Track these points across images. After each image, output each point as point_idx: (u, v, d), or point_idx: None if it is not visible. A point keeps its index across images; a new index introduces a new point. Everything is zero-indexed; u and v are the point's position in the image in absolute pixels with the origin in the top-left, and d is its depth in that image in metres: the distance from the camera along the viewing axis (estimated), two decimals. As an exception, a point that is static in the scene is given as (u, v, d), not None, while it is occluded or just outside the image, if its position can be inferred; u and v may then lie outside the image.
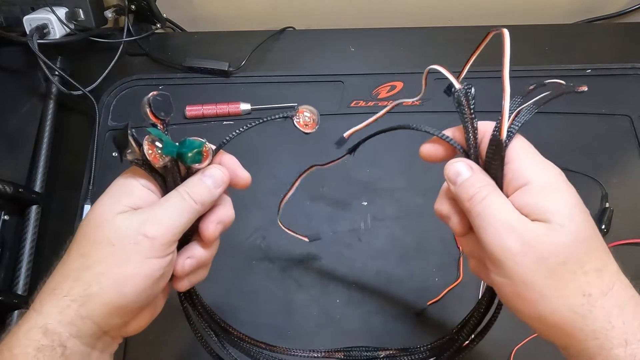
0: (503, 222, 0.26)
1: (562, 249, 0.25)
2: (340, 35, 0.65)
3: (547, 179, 0.28)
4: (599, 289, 0.26)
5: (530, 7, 0.71)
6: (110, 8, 0.63)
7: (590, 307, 0.25)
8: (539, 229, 0.26)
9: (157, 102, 0.32)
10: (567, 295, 0.25)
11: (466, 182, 0.29)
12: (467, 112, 0.30)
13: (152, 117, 0.32)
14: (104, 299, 0.28)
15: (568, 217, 0.26)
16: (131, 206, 0.29)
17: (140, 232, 0.28)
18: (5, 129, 0.59)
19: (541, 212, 0.26)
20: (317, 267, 0.52)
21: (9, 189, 0.51)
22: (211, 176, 0.32)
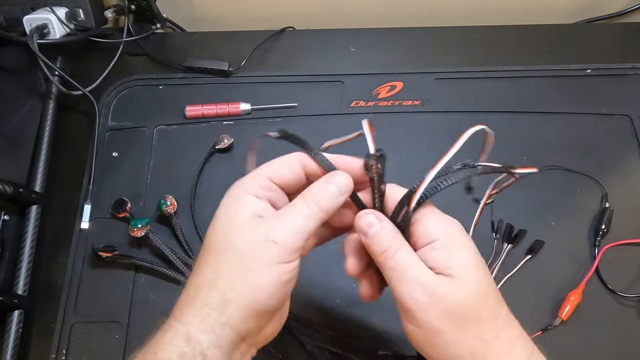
0: (413, 276, 0.30)
1: (464, 300, 0.29)
2: (340, 35, 0.65)
3: (450, 236, 0.31)
4: (494, 333, 0.30)
5: (530, 7, 0.71)
6: (110, 8, 0.63)
7: (486, 349, 0.29)
8: (444, 283, 0.29)
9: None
10: (468, 340, 0.29)
11: (378, 234, 0.31)
12: (376, 179, 0.33)
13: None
14: (240, 303, 0.29)
15: (468, 272, 0.30)
16: (253, 216, 0.30)
17: (269, 239, 0.29)
18: (5, 129, 0.59)
19: (446, 267, 0.30)
20: (316, 267, 0.51)
21: (9, 189, 0.51)
22: (336, 183, 0.32)
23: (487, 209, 0.53)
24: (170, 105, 0.60)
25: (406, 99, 0.60)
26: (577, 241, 0.52)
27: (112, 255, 0.51)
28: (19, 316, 0.49)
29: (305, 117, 0.59)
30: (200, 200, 0.55)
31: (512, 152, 0.56)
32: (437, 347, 0.30)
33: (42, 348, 0.49)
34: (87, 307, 0.50)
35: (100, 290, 0.51)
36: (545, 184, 0.54)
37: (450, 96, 0.60)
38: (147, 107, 0.61)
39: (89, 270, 0.52)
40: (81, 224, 0.53)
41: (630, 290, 0.49)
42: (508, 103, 0.59)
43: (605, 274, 0.50)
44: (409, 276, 0.30)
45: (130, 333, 0.49)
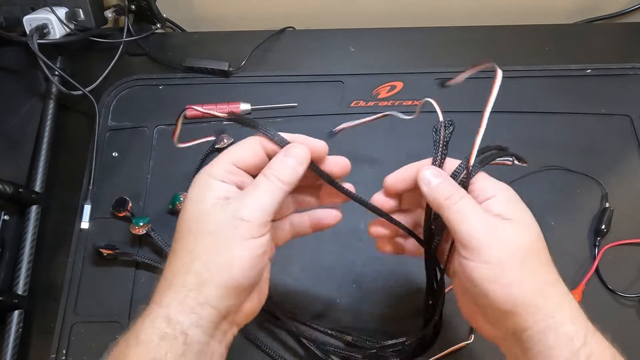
0: (483, 216, 0.32)
1: (528, 242, 0.32)
2: (340, 35, 0.65)
3: (508, 193, 0.34)
4: (554, 277, 0.32)
5: (530, 7, 0.71)
6: (110, 8, 0.63)
7: (549, 290, 0.31)
8: (508, 225, 0.32)
9: None
10: (533, 279, 0.31)
11: (443, 183, 0.34)
12: (441, 144, 0.38)
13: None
14: (217, 282, 0.30)
15: (529, 220, 0.33)
16: (220, 198, 0.32)
17: (236, 217, 0.31)
18: (5, 129, 0.59)
19: (507, 215, 0.32)
20: (317, 267, 0.52)
21: (9, 189, 0.51)
22: (293, 155, 0.34)
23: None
24: (170, 105, 0.60)
25: (406, 99, 0.60)
26: (577, 241, 0.52)
27: (114, 253, 0.51)
28: (19, 316, 0.49)
29: (305, 117, 0.59)
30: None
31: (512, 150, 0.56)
32: (499, 283, 0.31)
33: (42, 348, 0.49)
34: (87, 307, 0.50)
35: (100, 290, 0.51)
36: (545, 184, 0.54)
37: (450, 96, 0.60)
38: (147, 107, 0.61)
39: (89, 270, 0.52)
40: (81, 224, 0.54)
41: (630, 290, 0.49)
42: (508, 103, 0.59)
43: (605, 274, 0.50)
44: (479, 216, 0.32)
45: (130, 333, 0.49)
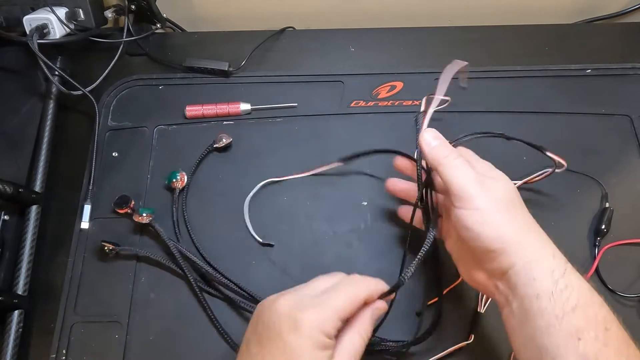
0: (473, 172, 0.39)
1: (510, 194, 0.39)
2: (340, 35, 0.65)
3: (488, 163, 0.43)
4: (533, 221, 0.39)
5: (530, 7, 0.71)
6: (110, 8, 0.63)
7: (531, 230, 0.38)
8: (494, 182, 0.40)
9: None
10: (517, 221, 0.38)
11: (441, 145, 0.41)
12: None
13: None
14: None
15: (507, 180, 0.41)
16: (330, 357, 0.35)
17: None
18: (5, 129, 0.59)
19: (490, 176, 0.40)
20: (317, 267, 0.51)
21: (9, 189, 0.51)
22: (380, 316, 0.39)
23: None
24: (170, 105, 0.60)
25: (406, 99, 0.60)
26: (577, 241, 0.52)
27: (115, 248, 0.51)
28: (19, 316, 0.49)
29: (305, 117, 0.59)
30: (194, 198, 0.55)
31: (513, 152, 0.56)
32: (489, 224, 0.37)
33: (42, 348, 0.49)
34: (87, 307, 0.50)
35: (100, 290, 0.51)
36: (545, 184, 0.54)
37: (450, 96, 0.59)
38: (147, 107, 0.61)
39: (89, 270, 0.52)
40: (81, 224, 0.54)
41: (630, 290, 0.49)
42: (508, 103, 0.59)
43: (605, 274, 0.50)
44: (467, 173, 0.39)
45: (130, 333, 0.49)
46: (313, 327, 0.33)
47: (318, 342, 0.33)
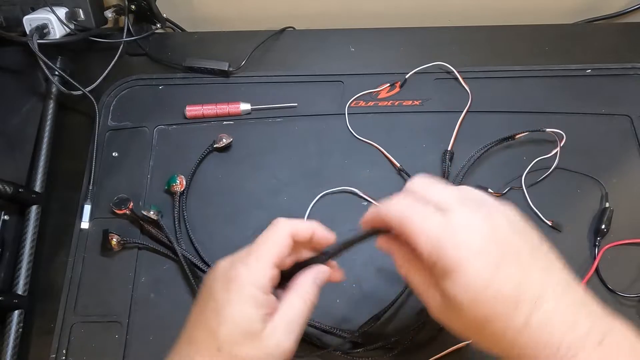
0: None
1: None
2: (340, 35, 0.65)
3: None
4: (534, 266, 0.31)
5: (530, 7, 0.71)
6: (110, 8, 0.63)
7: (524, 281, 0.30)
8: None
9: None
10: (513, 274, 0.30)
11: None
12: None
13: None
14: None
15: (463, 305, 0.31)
16: (266, 316, 0.33)
17: (290, 349, 0.33)
18: (5, 129, 0.59)
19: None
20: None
21: (9, 189, 0.51)
22: (323, 280, 0.36)
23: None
24: (170, 105, 0.60)
25: (406, 99, 0.60)
26: (577, 241, 0.52)
27: (121, 240, 0.52)
28: (19, 316, 0.49)
29: (305, 117, 0.59)
30: (194, 198, 0.55)
31: (513, 153, 0.56)
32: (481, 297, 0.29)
33: (42, 348, 0.49)
34: (87, 307, 0.50)
35: (100, 290, 0.51)
36: (546, 184, 0.54)
37: (450, 96, 0.60)
38: (147, 107, 0.61)
39: (89, 270, 0.52)
40: (81, 224, 0.54)
41: (630, 290, 0.49)
42: (508, 103, 0.59)
43: (605, 274, 0.50)
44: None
45: (130, 333, 0.49)
46: (242, 281, 0.32)
47: (249, 297, 0.32)
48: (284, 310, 0.33)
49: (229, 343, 0.31)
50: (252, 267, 0.33)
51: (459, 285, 0.29)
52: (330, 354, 0.47)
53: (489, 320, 0.29)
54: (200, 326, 0.33)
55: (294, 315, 0.33)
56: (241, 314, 0.32)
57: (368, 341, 0.47)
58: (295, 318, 0.33)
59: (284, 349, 0.32)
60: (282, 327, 0.33)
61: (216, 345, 0.32)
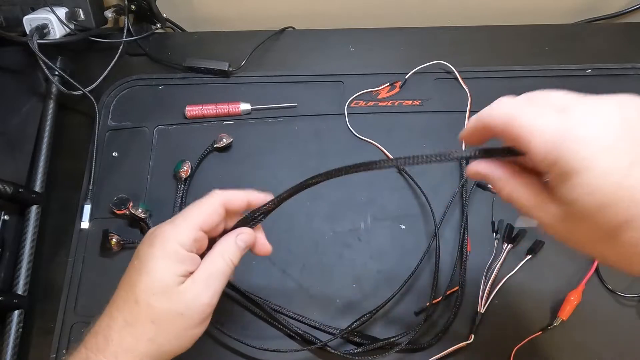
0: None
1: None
2: (340, 35, 0.65)
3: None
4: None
5: (530, 7, 0.71)
6: (110, 8, 0.63)
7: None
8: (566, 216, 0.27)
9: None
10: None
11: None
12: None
13: None
14: (171, 354, 0.34)
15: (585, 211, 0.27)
16: (186, 273, 0.34)
17: (207, 303, 0.34)
18: (5, 129, 0.59)
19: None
20: (317, 267, 0.52)
21: (9, 189, 0.51)
22: (244, 241, 0.37)
23: (487, 209, 0.53)
24: (170, 105, 0.60)
25: (406, 99, 0.60)
26: (577, 241, 0.52)
27: (121, 240, 0.52)
28: (19, 316, 0.49)
29: (305, 117, 0.59)
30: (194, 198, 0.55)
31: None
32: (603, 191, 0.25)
33: (42, 348, 0.49)
34: (87, 307, 0.50)
35: (100, 290, 0.51)
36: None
37: (450, 96, 0.60)
38: (147, 107, 0.61)
39: (89, 270, 0.52)
40: (81, 224, 0.54)
41: (630, 290, 0.49)
42: (508, 103, 0.59)
43: (605, 274, 0.50)
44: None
45: (130, 333, 0.49)
46: (165, 237, 0.34)
47: (170, 252, 0.34)
48: (204, 265, 0.35)
49: (147, 294, 0.33)
50: (177, 225, 0.35)
51: (585, 187, 0.25)
52: (330, 354, 0.47)
53: (621, 227, 0.25)
54: (123, 284, 0.35)
55: (213, 271, 0.35)
56: (161, 267, 0.33)
57: (367, 341, 0.47)
58: (214, 273, 0.35)
59: (201, 302, 0.34)
60: (201, 282, 0.34)
61: (134, 298, 0.33)
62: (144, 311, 0.33)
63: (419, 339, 0.48)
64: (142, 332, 0.33)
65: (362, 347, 0.47)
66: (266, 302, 0.49)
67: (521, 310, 0.49)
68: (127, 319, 0.33)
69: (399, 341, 0.47)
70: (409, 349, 0.47)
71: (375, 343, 0.47)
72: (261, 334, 0.49)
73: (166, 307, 0.33)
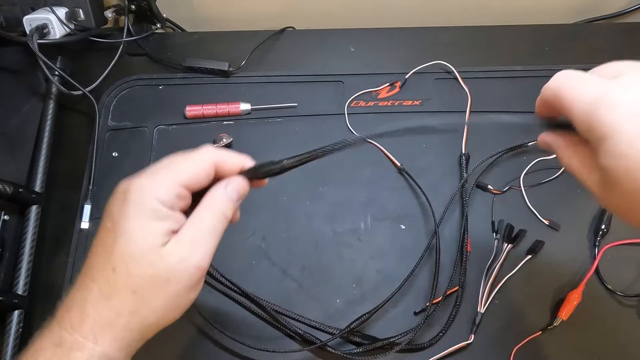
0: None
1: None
2: (340, 35, 0.65)
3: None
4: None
5: (530, 7, 0.71)
6: (110, 8, 0.63)
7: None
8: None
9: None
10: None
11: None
12: None
13: None
14: (158, 326, 0.30)
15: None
16: (169, 232, 0.29)
17: (196, 266, 0.29)
18: (5, 129, 0.59)
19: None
20: (317, 267, 0.52)
21: (9, 189, 0.51)
22: (237, 190, 0.32)
23: (488, 208, 0.53)
24: (170, 105, 0.60)
25: (406, 99, 0.60)
26: (577, 241, 0.52)
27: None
28: (19, 316, 0.49)
29: (305, 117, 0.59)
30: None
31: (513, 153, 0.56)
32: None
33: (42, 348, 0.49)
34: (87, 307, 0.50)
35: (100, 290, 0.51)
36: (546, 184, 0.54)
37: (450, 96, 0.60)
38: (147, 107, 0.61)
39: (89, 270, 0.52)
40: (81, 224, 0.54)
41: (630, 290, 0.49)
42: (508, 103, 0.59)
43: (605, 274, 0.50)
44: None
45: (130, 333, 0.49)
46: (144, 192, 0.28)
47: (149, 210, 0.28)
48: (190, 222, 0.30)
49: (125, 261, 0.28)
50: (156, 179, 0.29)
51: (613, 153, 0.25)
52: (330, 354, 0.47)
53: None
54: (96, 250, 0.29)
55: (201, 228, 0.30)
56: (138, 227, 0.28)
57: (367, 341, 0.47)
58: (203, 231, 0.29)
59: (189, 265, 0.29)
60: (187, 242, 0.29)
61: (111, 266, 0.28)
62: (122, 280, 0.28)
63: (419, 339, 0.47)
64: (121, 305, 0.28)
65: (362, 347, 0.47)
66: (266, 302, 0.49)
67: (521, 310, 0.49)
68: (104, 290, 0.28)
69: (399, 341, 0.47)
70: (409, 349, 0.47)
71: (375, 343, 0.47)
72: (261, 334, 0.49)
73: (148, 274, 0.28)
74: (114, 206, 0.29)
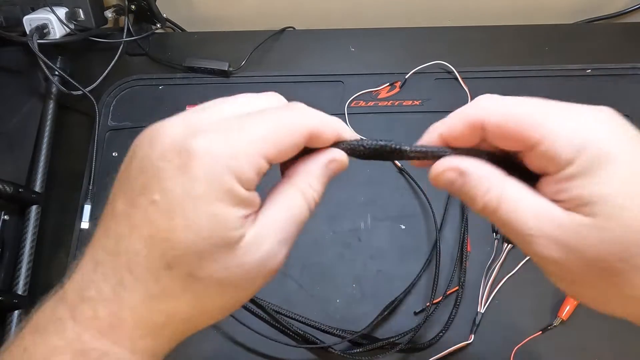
0: (530, 218, 0.22)
1: (609, 248, 0.20)
2: (340, 35, 0.65)
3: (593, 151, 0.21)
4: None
5: (530, 7, 0.71)
6: (110, 8, 0.63)
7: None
8: (580, 226, 0.20)
9: None
10: (623, 297, 0.21)
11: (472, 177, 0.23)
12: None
13: None
14: (198, 330, 0.23)
15: (619, 205, 0.20)
16: (243, 220, 0.21)
17: (276, 269, 0.22)
18: (5, 129, 0.59)
19: (581, 200, 0.20)
20: (317, 267, 0.52)
21: (9, 189, 0.51)
22: (336, 172, 0.25)
23: (487, 209, 0.53)
24: (170, 105, 0.60)
25: (406, 99, 0.60)
26: (577, 241, 0.51)
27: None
28: (19, 316, 0.49)
29: (305, 117, 0.59)
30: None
31: (512, 152, 0.56)
32: (586, 297, 0.22)
33: (42, 348, 0.49)
34: (87, 307, 0.50)
35: (100, 290, 0.51)
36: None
37: (450, 96, 0.60)
38: (147, 107, 0.61)
39: (89, 270, 0.52)
40: (81, 224, 0.54)
41: (630, 290, 0.49)
42: (508, 103, 0.59)
43: (605, 274, 0.50)
44: (523, 219, 0.22)
45: (130, 333, 0.49)
46: (217, 163, 0.19)
47: (224, 191, 0.19)
48: (277, 209, 0.22)
49: (188, 259, 0.20)
50: (235, 145, 0.20)
51: (614, 180, 0.20)
52: (330, 354, 0.47)
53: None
54: (133, 228, 0.20)
55: (290, 217, 0.22)
56: (209, 216, 0.19)
57: (368, 341, 0.47)
58: (292, 220, 0.22)
59: (270, 268, 0.22)
60: (273, 235, 0.21)
61: (165, 262, 0.20)
62: (181, 282, 0.20)
63: (419, 339, 0.47)
64: (174, 311, 0.21)
65: (362, 347, 0.47)
66: (266, 303, 0.49)
67: (521, 310, 0.49)
68: (152, 290, 0.20)
69: (399, 341, 0.47)
70: (409, 349, 0.47)
71: (375, 343, 0.47)
72: (261, 335, 0.49)
73: (215, 279, 0.20)
74: (168, 172, 0.20)
